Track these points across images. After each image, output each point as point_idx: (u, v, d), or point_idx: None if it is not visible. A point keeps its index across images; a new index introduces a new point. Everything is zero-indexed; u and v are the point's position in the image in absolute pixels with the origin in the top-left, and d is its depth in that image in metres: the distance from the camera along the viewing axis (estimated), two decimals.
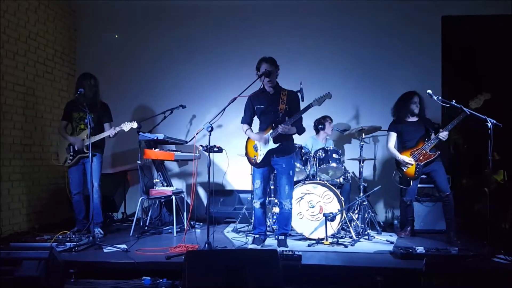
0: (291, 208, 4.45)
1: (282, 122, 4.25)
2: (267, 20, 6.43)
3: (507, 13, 5.98)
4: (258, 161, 4.40)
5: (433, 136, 4.72)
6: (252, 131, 4.49)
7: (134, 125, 4.90)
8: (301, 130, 4.41)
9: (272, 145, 4.33)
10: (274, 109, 4.34)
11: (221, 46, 6.47)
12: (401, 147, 5.00)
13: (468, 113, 4.27)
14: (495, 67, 5.89)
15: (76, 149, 4.93)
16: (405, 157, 4.87)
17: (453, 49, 6.13)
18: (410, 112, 4.91)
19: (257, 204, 4.48)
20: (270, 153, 4.35)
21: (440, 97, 4.52)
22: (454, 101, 4.30)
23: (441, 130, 4.68)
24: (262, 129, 4.42)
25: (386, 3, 6.26)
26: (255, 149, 4.43)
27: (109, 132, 4.89)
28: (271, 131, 4.30)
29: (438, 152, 4.77)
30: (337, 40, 6.38)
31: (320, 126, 5.69)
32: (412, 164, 4.83)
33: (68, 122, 5.11)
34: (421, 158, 4.80)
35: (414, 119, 4.96)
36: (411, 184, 4.91)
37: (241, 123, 4.53)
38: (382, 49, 6.29)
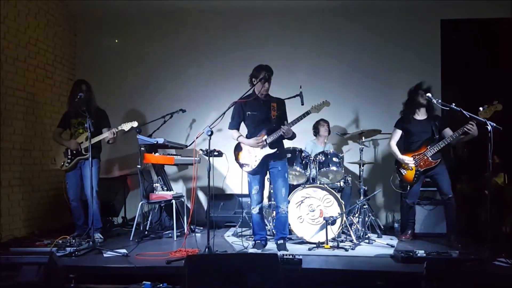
0: (287, 212, 4.47)
1: (277, 128, 4.33)
2: (267, 25, 6.46)
3: (506, 16, 6.00)
4: (254, 167, 4.40)
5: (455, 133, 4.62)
6: (243, 136, 4.50)
7: (135, 124, 4.91)
8: (293, 136, 4.51)
9: (268, 150, 4.35)
10: (267, 116, 4.39)
11: (221, 50, 6.50)
12: (405, 148, 4.96)
13: (468, 116, 4.27)
14: (495, 70, 5.90)
15: (72, 149, 4.94)
16: (406, 157, 4.86)
17: (452, 53, 6.14)
18: (418, 103, 4.85)
19: (256, 210, 4.48)
20: (266, 158, 4.38)
21: (440, 100, 4.53)
22: (453, 104, 4.30)
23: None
24: (253, 135, 4.43)
25: (385, 7, 6.28)
26: (248, 155, 4.44)
27: (107, 133, 4.90)
28: (265, 137, 4.34)
29: (440, 160, 4.76)
30: (336, 44, 6.41)
31: (315, 131, 5.73)
32: (411, 166, 4.81)
33: (63, 130, 5.14)
34: (421, 164, 4.78)
35: (423, 116, 4.90)
36: (409, 188, 4.90)
37: (230, 128, 4.52)
38: (382, 53, 6.31)
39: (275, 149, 4.37)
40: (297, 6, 6.32)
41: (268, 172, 4.51)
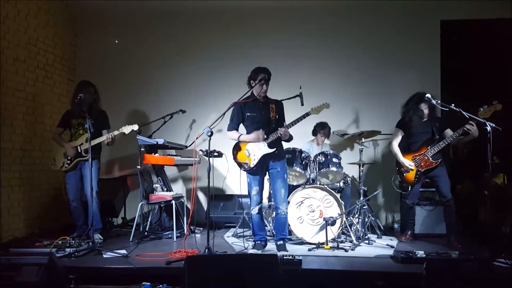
0: (287, 213, 4.48)
1: (276, 129, 4.34)
2: (267, 25, 6.46)
3: (506, 17, 6.00)
4: (252, 166, 4.40)
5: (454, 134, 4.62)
6: (242, 134, 4.50)
7: (135, 127, 4.92)
8: (290, 138, 4.51)
9: (267, 150, 4.36)
10: (266, 117, 4.41)
11: (221, 51, 6.50)
12: (406, 149, 4.97)
13: (467, 116, 4.27)
14: (494, 70, 5.90)
15: (69, 154, 4.95)
16: (407, 161, 4.86)
17: (452, 53, 6.14)
18: (419, 115, 4.85)
19: (255, 211, 4.47)
20: (265, 157, 4.38)
21: (439, 101, 4.54)
22: (453, 105, 4.31)
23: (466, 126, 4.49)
24: None
25: (385, 8, 6.28)
26: (247, 154, 4.44)
27: (105, 136, 4.90)
28: (265, 136, 4.35)
29: (440, 160, 4.76)
30: (337, 45, 6.40)
31: (314, 131, 5.73)
32: (412, 169, 4.82)
33: (63, 130, 5.14)
34: (422, 164, 4.79)
35: (424, 118, 4.91)
36: (410, 188, 4.90)
37: (229, 130, 4.51)
38: (381, 53, 6.31)
39: (274, 149, 4.38)
40: (297, 7, 6.32)
41: (267, 172, 4.51)
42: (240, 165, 4.50)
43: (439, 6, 6.13)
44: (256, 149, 4.39)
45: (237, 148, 4.54)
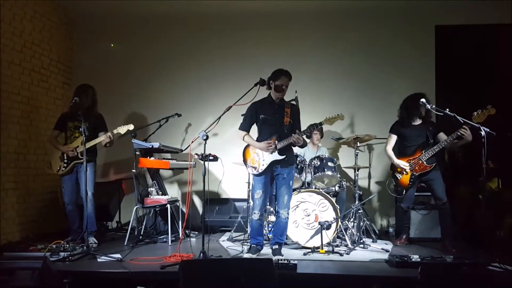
0: (288, 218, 4.44)
1: (289, 134, 4.30)
2: (265, 29, 6.47)
3: (501, 22, 6.04)
4: (260, 171, 4.38)
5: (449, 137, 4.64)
6: (252, 138, 4.47)
7: (131, 127, 4.92)
8: (304, 144, 4.47)
9: (277, 156, 4.33)
10: (279, 121, 4.36)
11: (217, 55, 6.50)
12: (400, 153, 4.99)
13: (462, 121, 4.30)
14: (490, 76, 5.94)
15: (64, 158, 4.93)
16: (401, 162, 4.88)
17: (447, 58, 6.17)
18: (418, 114, 4.87)
19: (256, 216, 4.40)
20: (273, 163, 4.35)
21: (434, 106, 4.57)
22: (448, 109, 4.33)
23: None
24: (264, 139, 4.38)
25: (380, 12, 6.31)
26: (257, 158, 4.42)
27: (103, 137, 4.88)
28: (276, 142, 4.31)
29: (434, 164, 4.78)
30: (333, 50, 6.43)
31: (307, 134, 5.71)
32: (407, 171, 4.83)
33: (60, 132, 5.12)
34: (416, 168, 4.81)
35: (418, 122, 4.93)
36: (404, 192, 4.92)
37: (240, 129, 4.48)
38: (376, 58, 6.34)
39: (284, 156, 4.34)
40: (294, 13, 6.35)
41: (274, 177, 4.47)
42: (248, 168, 4.47)
43: (434, 11, 6.17)
44: (266, 154, 4.37)
45: (247, 150, 4.52)
